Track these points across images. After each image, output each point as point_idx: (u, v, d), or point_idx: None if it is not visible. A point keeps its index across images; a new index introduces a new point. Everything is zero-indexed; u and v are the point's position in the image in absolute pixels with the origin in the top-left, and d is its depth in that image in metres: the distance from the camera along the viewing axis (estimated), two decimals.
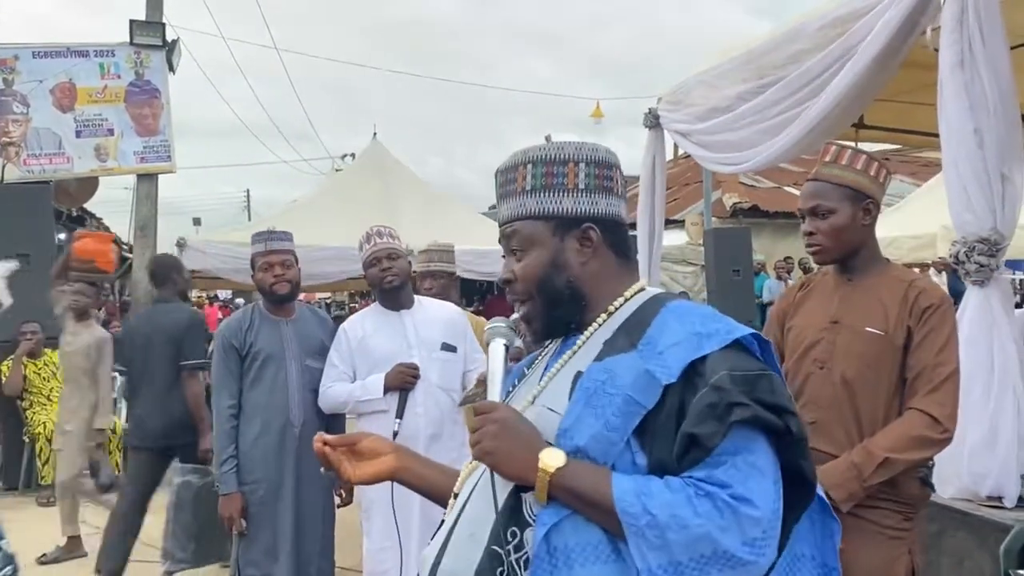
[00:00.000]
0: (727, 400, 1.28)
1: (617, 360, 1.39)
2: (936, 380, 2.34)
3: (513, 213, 1.54)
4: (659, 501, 1.25)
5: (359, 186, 12.89)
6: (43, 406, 7.27)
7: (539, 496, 1.33)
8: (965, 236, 3.30)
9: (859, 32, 3.67)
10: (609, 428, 1.33)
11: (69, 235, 17.73)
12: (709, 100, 4.95)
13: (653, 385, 1.33)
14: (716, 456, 1.28)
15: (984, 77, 3.23)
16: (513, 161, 1.55)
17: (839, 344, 2.48)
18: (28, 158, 11.91)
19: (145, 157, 12.36)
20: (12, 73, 11.95)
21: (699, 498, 1.25)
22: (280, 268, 3.81)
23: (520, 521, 1.36)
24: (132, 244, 13.21)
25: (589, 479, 1.31)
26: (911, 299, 2.42)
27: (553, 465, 1.32)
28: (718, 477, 1.27)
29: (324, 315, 4.20)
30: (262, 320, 3.88)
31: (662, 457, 1.32)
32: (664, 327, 1.40)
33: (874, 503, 2.36)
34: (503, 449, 1.36)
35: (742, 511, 1.24)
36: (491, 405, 1.42)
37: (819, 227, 2.50)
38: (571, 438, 1.35)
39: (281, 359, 3.81)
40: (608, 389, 1.35)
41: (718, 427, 1.27)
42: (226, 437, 3.75)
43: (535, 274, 1.51)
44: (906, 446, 2.31)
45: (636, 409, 1.32)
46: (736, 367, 1.32)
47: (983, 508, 3.24)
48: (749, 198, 16.77)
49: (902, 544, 2.39)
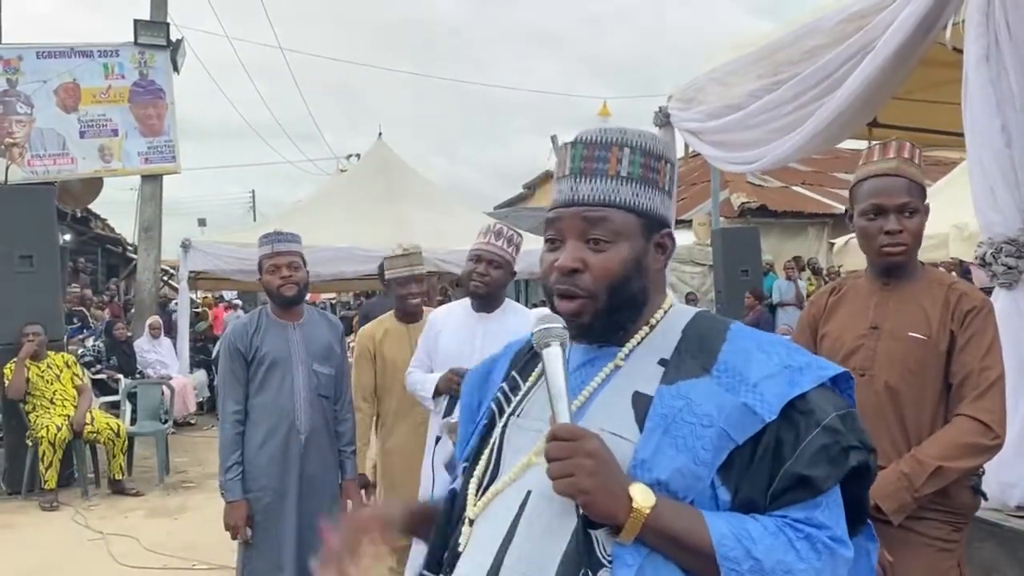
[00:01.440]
0: (843, 443, 1.24)
1: (692, 386, 1.28)
2: (983, 385, 2.26)
3: (604, 197, 1.35)
4: (762, 546, 1.19)
5: (364, 186, 12.84)
6: (46, 409, 7.18)
7: (626, 537, 1.21)
8: (992, 237, 3.20)
9: (879, 27, 3.56)
10: (697, 462, 1.23)
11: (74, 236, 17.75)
12: (722, 98, 4.85)
13: (752, 420, 1.24)
14: (818, 497, 1.23)
15: (1011, 72, 3.14)
16: (606, 138, 1.38)
17: (880, 351, 2.38)
18: (32, 159, 11.89)
19: (149, 158, 12.33)
20: (16, 74, 11.93)
21: (800, 541, 1.20)
22: (287, 270, 3.71)
23: (593, 562, 1.22)
24: (137, 245, 13.15)
25: (683, 520, 1.21)
26: (952, 302, 2.33)
27: (647, 506, 1.20)
28: (818, 519, 1.22)
29: (333, 319, 4.09)
30: (269, 324, 3.78)
31: (751, 495, 1.24)
32: (747, 356, 1.30)
33: (924, 514, 2.27)
34: (600, 489, 1.20)
35: (839, 553, 1.22)
36: (576, 431, 1.23)
37: (907, 226, 2.35)
38: (650, 470, 1.23)
39: (288, 364, 3.72)
40: (687, 418, 1.25)
41: (832, 471, 1.23)
42: (231, 443, 3.66)
43: (616, 271, 1.34)
44: (957, 454, 2.22)
45: (727, 444, 1.24)
46: (839, 407, 1.27)
47: (1012, 519, 3.15)
48: (757, 198, 16.68)
49: (951, 556, 2.31)
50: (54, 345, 7.63)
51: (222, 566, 5.27)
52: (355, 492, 3.90)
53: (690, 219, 16.19)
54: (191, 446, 9.47)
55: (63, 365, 7.49)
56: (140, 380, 9.37)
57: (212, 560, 5.38)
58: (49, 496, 6.91)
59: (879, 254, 2.40)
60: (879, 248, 2.39)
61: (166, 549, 5.68)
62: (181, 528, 6.29)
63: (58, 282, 8.09)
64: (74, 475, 7.46)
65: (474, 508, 1.38)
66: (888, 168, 2.38)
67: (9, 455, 7.38)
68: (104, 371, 10.02)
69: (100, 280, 20.09)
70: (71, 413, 7.26)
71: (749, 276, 10.32)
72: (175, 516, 6.68)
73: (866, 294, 2.49)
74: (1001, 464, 3.10)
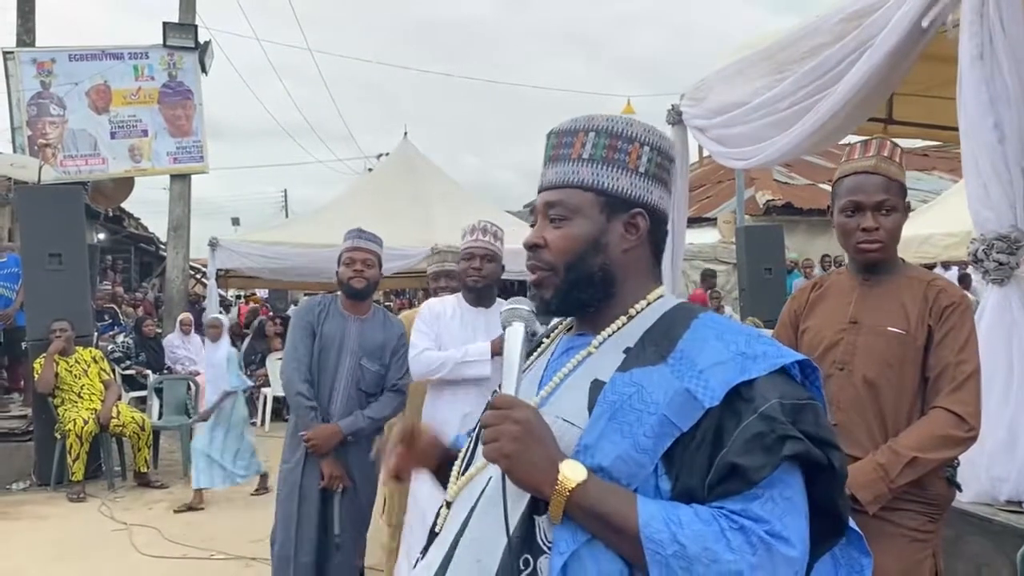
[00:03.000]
0: (779, 432, 1.17)
1: (645, 373, 1.26)
2: (959, 378, 2.29)
3: (561, 179, 1.40)
4: (690, 531, 1.14)
5: (390, 185, 12.95)
6: (74, 403, 7.36)
7: (553, 513, 1.21)
8: (984, 233, 3.21)
9: (876, 24, 3.58)
10: (638, 449, 1.21)
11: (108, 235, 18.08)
12: (728, 96, 4.87)
13: (693, 407, 1.21)
14: (756, 488, 1.16)
15: (1005, 70, 3.14)
16: (573, 126, 1.42)
17: (860, 345, 2.42)
18: (64, 159, 12.13)
19: (178, 157, 12.54)
20: (49, 76, 12.17)
21: (733, 532, 1.14)
22: (361, 265, 3.88)
23: (533, 548, 1.22)
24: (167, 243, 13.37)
25: (612, 500, 1.19)
26: (931, 298, 2.36)
27: (574, 480, 1.19)
28: (755, 511, 1.16)
29: (397, 321, 4.19)
30: (333, 311, 3.96)
31: (690, 484, 1.20)
32: (703, 343, 1.27)
33: (899, 505, 2.30)
34: (523, 455, 1.21)
35: (778, 550, 1.14)
36: (511, 400, 1.27)
37: (883, 223, 2.39)
38: (592, 456, 1.22)
39: (337, 352, 3.87)
40: (636, 404, 1.23)
41: (767, 460, 1.16)
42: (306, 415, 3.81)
43: (570, 247, 1.38)
44: (933, 445, 2.25)
45: (670, 431, 1.20)
46: (786, 395, 1.21)
47: (1002, 513, 3.16)
48: (783, 195, 16.56)
49: (926, 547, 2.34)
50: (82, 341, 7.80)
51: (239, 556, 5.42)
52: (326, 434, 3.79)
53: (715, 217, 16.12)
54: None
55: (91, 360, 7.67)
56: (166, 375, 9.54)
57: (230, 550, 5.53)
58: (76, 488, 7.09)
59: (856, 250, 2.45)
60: (856, 244, 2.44)
61: (187, 540, 5.83)
62: (202, 520, 6.44)
63: (86, 279, 8.26)
64: (101, 468, 7.63)
65: (452, 490, 1.42)
66: (867, 166, 2.42)
67: (39, 448, 7.56)
68: (133, 367, 10.22)
69: (133, 278, 20.43)
70: (98, 407, 7.43)
71: (773, 274, 10.25)
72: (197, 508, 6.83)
73: (847, 290, 2.53)
74: (991, 459, 3.13)
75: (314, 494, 3.80)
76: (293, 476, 3.83)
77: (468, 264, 3.73)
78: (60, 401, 7.41)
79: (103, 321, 12.15)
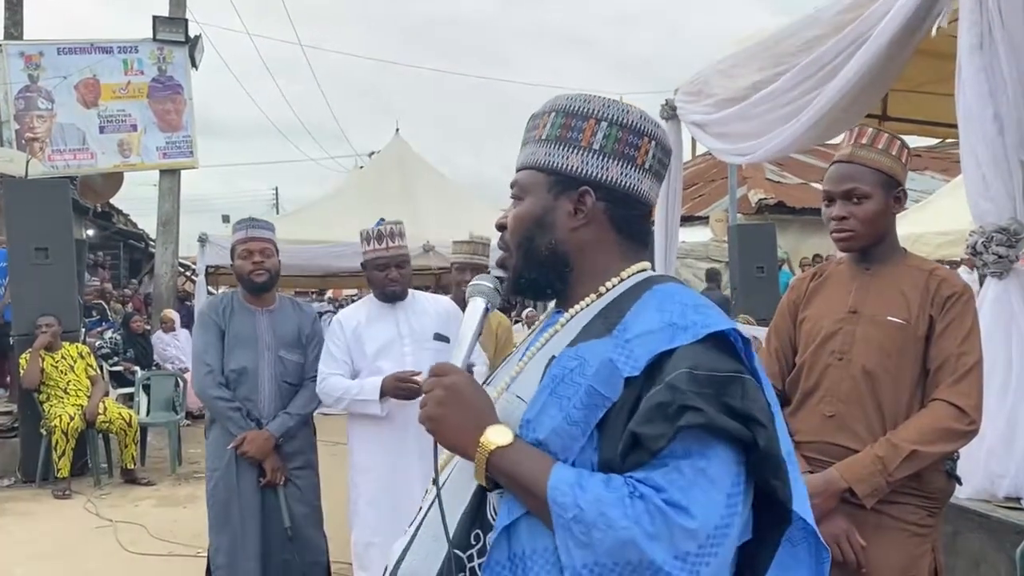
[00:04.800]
0: (680, 402, 1.14)
1: (590, 346, 1.25)
2: (960, 370, 2.24)
3: (523, 161, 1.43)
4: (591, 496, 1.13)
5: (380, 182, 12.87)
6: (60, 399, 7.28)
7: (477, 476, 1.24)
8: (983, 226, 3.17)
9: (874, 15, 3.54)
10: (570, 422, 1.19)
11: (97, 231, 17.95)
12: (725, 90, 4.84)
13: (615, 376, 1.19)
14: (660, 459, 1.14)
15: (1004, 60, 3.11)
16: (542, 108, 1.43)
17: (859, 335, 2.36)
18: (52, 154, 12.04)
19: (167, 152, 12.46)
20: (37, 69, 12.08)
21: (632, 499, 1.12)
22: (259, 256, 3.75)
23: (484, 523, 1.25)
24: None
25: (529, 463, 1.19)
26: (932, 288, 2.31)
27: (494, 443, 1.21)
28: (655, 480, 1.13)
29: (307, 307, 4.09)
30: (237, 307, 3.83)
31: (609, 455, 1.18)
32: (641, 313, 1.25)
33: (898, 498, 2.25)
34: (446, 417, 1.26)
35: (674, 520, 1.10)
36: (447, 367, 1.31)
37: (853, 212, 2.35)
38: (533, 430, 1.22)
39: (253, 349, 3.74)
40: (576, 378, 1.22)
41: (665, 429, 1.13)
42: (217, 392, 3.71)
43: (517, 227, 1.40)
44: (933, 438, 2.20)
45: (600, 402, 1.19)
46: (701, 365, 1.17)
47: (1000, 509, 3.12)
48: (775, 194, 16.54)
49: (926, 541, 2.29)
50: (69, 336, 7.71)
51: None
52: (259, 442, 3.69)
53: (707, 215, 16.11)
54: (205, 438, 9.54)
55: (77, 356, 7.59)
56: (154, 371, 9.46)
57: None
58: (62, 484, 7.00)
59: (833, 240, 2.43)
60: (831, 234, 2.43)
61: (173, 537, 5.74)
62: (189, 517, 6.34)
63: (73, 274, 8.17)
64: (87, 464, 7.55)
65: (439, 470, 1.41)
66: (842, 155, 2.41)
67: (24, 444, 7.48)
68: (121, 363, 10.14)
69: (123, 274, 20.31)
70: (84, 403, 7.35)
71: (765, 272, 10.24)
72: (184, 505, 6.75)
73: (847, 279, 2.48)
74: (990, 455, 3.09)
75: (251, 494, 3.70)
76: (228, 480, 3.71)
77: (384, 275, 3.60)
78: (46, 397, 7.32)
79: (91, 317, 12.06)
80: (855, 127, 2.47)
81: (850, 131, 2.44)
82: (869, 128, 2.42)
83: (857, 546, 2.20)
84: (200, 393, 3.78)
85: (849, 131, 2.45)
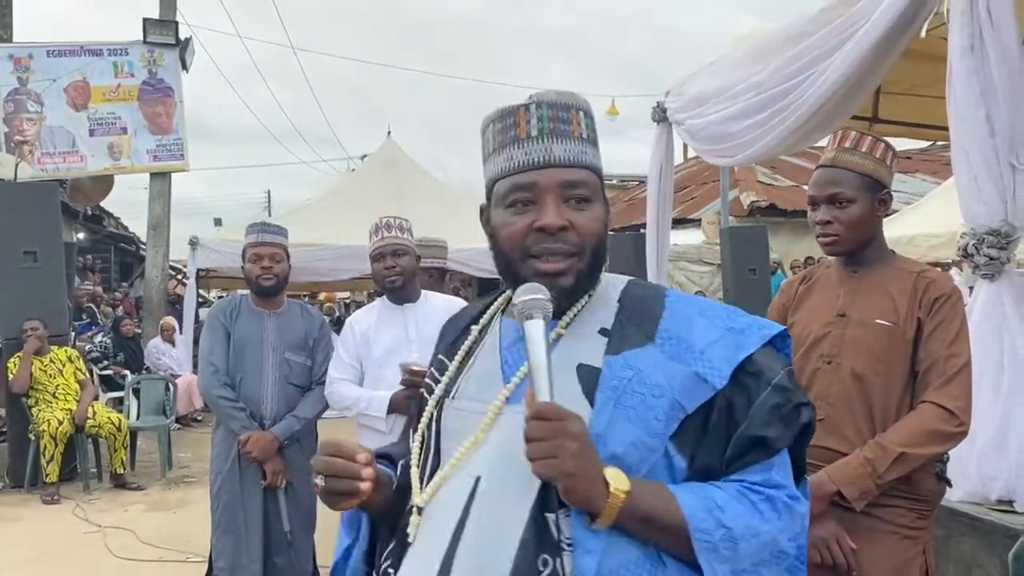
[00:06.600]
0: (794, 401, 1.26)
1: (638, 355, 1.26)
2: (949, 372, 2.23)
3: (578, 158, 1.33)
4: (731, 513, 1.21)
5: (372, 184, 12.86)
6: (48, 404, 7.22)
7: (603, 523, 1.18)
8: (975, 228, 3.17)
9: (861, 12, 3.53)
10: (651, 434, 1.22)
11: (87, 235, 17.87)
12: (714, 93, 4.83)
13: (702, 388, 1.24)
14: (773, 458, 1.25)
15: (995, 62, 3.10)
16: (563, 100, 1.36)
17: (848, 338, 2.36)
18: (42, 157, 11.97)
19: (158, 155, 12.40)
20: (27, 72, 12.01)
21: (762, 503, 1.23)
22: (269, 261, 3.77)
23: (551, 547, 1.18)
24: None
25: (653, 501, 1.20)
26: (920, 290, 2.31)
27: (623, 490, 1.17)
28: (775, 479, 1.25)
29: (314, 311, 4.12)
30: (245, 310, 3.86)
31: (708, 462, 1.25)
32: (688, 322, 1.30)
33: (888, 501, 2.24)
34: (585, 472, 1.16)
35: (796, 509, 1.25)
36: (560, 411, 1.17)
37: (837, 216, 2.35)
38: (605, 444, 1.20)
39: (259, 350, 3.77)
40: (637, 388, 1.23)
41: (785, 430, 1.25)
42: (221, 390, 3.73)
43: (598, 230, 1.33)
44: (921, 440, 2.19)
45: (678, 413, 1.23)
46: (781, 364, 1.30)
47: (993, 512, 3.11)
48: (767, 196, 16.56)
49: (917, 544, 2.28)
50: (57, 340, 7.65)
51: None
52: (263, 444, 3.69)
53: (699, 218, 16.11)
54: (195, 442, 9.49)
55: (66, 360, 7.53)
56: (144, 375, 9.40)
57: (205, 553, 5.37)
58: (51, 490, 6.95)
59: (819, 244, 2.44)
60: (817, 238, 2.43)
61: (162, 542, 5.71)
62: (178, 521, 6.32)
63: (63, 278, 8.11)
64: (76, 469, 7.49)
65: (421, 496, 1.32)
66: (826, 160, 2.42)
67: (12, 449, 7.43)
68: (111, 367, 10.08)
69: (113, 278, 20.23)
70: (73, 407, 7.29)
71: (757, 275, 10.25)
72: (174, 510, 6.72)
73: (835, 282, 2.48)
74: (982, 457, 3.08)
75: (254, 496, 3.71)
76: (231, 483, 3.71)
77: (381, 265, 3.56)
78: (34, 401, 7.27)
79: (81, 320, 11.99)
80: (839, 131, 2.46)
81: (834, 135, 2.46)
82: (853, 131, 2.42)
83: (847, 549, 2.19)
84: (205, 393, 3.81)
85: (833, 135, 2.46)
